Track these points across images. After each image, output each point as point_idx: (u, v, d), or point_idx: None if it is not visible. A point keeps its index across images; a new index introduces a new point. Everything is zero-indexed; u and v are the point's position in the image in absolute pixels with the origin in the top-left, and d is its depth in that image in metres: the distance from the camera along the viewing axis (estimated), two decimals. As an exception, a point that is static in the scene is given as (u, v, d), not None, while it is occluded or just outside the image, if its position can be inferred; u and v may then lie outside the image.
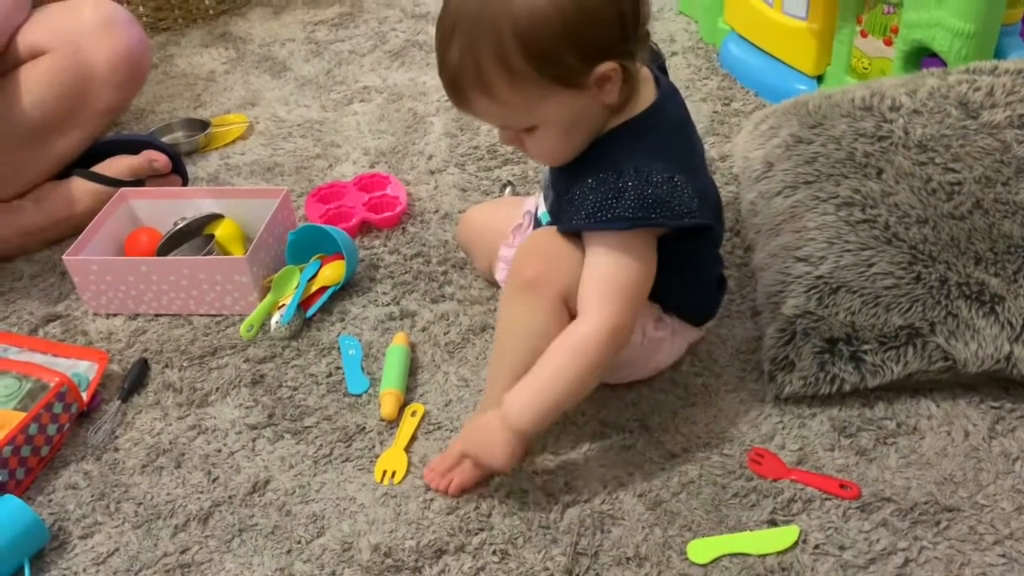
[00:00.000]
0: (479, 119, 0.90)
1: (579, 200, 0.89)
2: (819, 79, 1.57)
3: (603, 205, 0.87)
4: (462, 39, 0.83)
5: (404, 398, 1.09)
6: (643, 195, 0.86)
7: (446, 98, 1.72)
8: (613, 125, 0.90)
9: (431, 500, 0.96)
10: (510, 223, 1.14)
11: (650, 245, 0.91)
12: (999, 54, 1.35)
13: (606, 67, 0.83)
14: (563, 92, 0.84)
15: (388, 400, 1.07)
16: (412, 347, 1.16)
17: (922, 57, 1.40)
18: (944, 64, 1.34)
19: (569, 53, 0.82)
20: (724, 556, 0.89)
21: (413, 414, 1.07)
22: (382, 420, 1.06)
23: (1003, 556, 0.87)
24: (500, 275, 1.15)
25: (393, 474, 1.00)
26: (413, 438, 1.04)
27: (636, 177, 0.86)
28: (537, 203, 1.13)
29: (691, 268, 1.00)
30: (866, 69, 1.48)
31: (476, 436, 0.94)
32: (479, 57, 0.82)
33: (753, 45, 1.68)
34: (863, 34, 1.46)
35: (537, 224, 1.07)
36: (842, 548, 0.89)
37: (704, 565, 0.88)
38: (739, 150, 1.37)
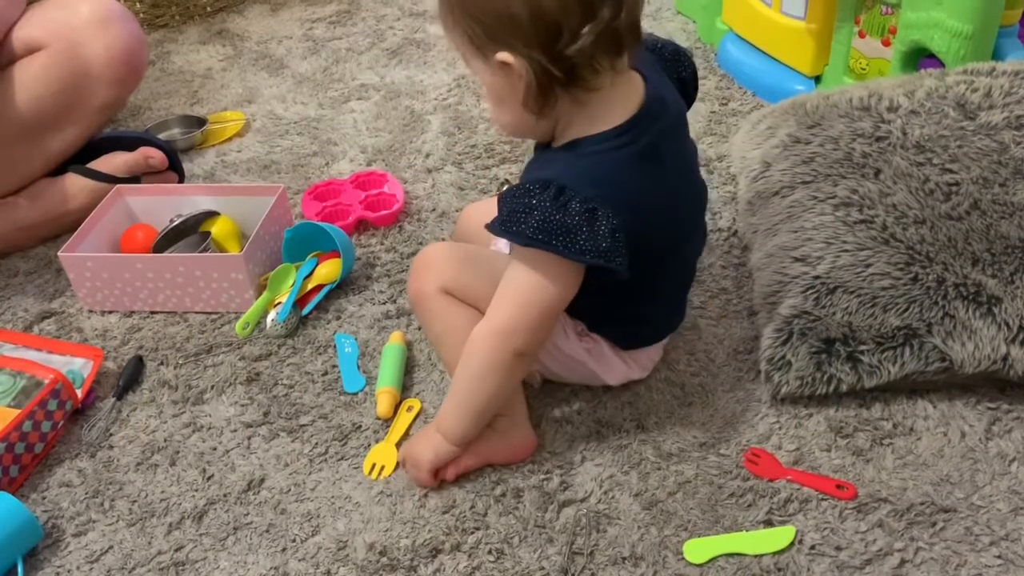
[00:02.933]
0: (449, 41, 0.91)
1: (501, 201, 0.88)
2: (817, 79, 1.57)
3: (513, 216, 0.85)
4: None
5: (400, 396, 1.08)
6: (550, 219, 0.83)
7: (443, 96, 1.75)
8: (572, 137, 0.88)
9: (426, 499, 0.96)
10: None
11: (558, 264, 0.87)
12: (997, 55, 1.35)
13: (502, 56, 0.81)
14: (478, 57, 0.85)
15: (384, 398, 1.06)
16: (409, 345, 1.16)
17: (920, 58, 1.40)
18: (942, 65, 1.34)
19: (481, 20, 0.82)
20: (720, 556, 0.89)
21: (409, 409, 1.07)
22: (378, 418, 1.06)
23: (999, 557, 0.87)
24: None
25: (382, 468, 1.00)
26: (407, 434, 1.04)
27: (553, 199, 0.83)
28: None
29: (604, 298, 0.96)
30: (864, 69, 1.48)
31: (414, 445, 0.99)
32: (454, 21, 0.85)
33: (751, 45, 1.68)
34: (861, 35, 1.46)
35: None
36: (838, 549, 0.89)
37: (700, 565, 0.88)
38: (737, 150, 1.37)
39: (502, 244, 1.11)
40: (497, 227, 0.87)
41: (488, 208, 1.24)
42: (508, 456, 0.99)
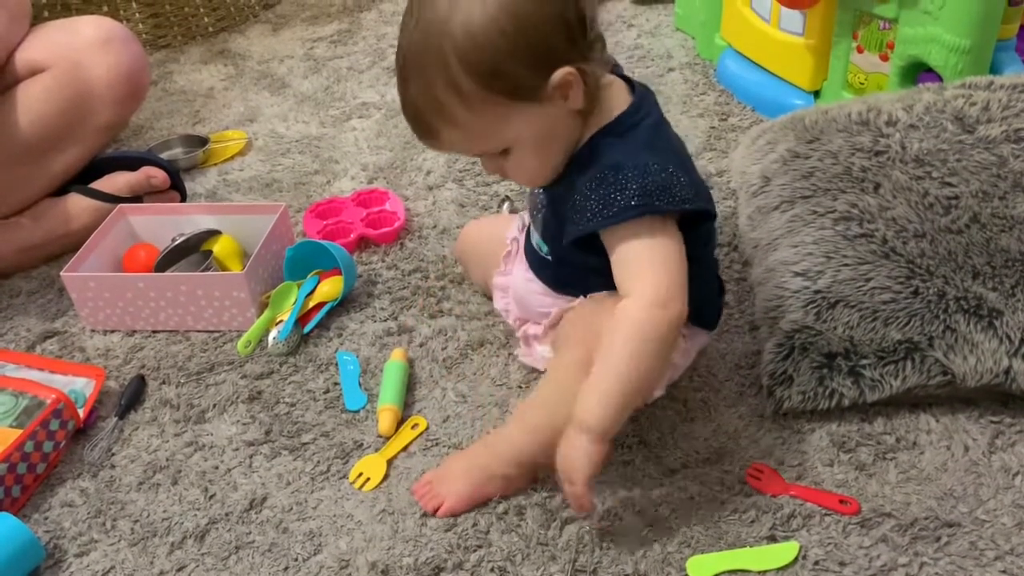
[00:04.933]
0: (452, 152, 0.91)
1: (581, 204, 0.88)
2: (816, 94, 1.58)
3: (608, 201, 0.86)
4: (414, 74, 0.85)
5: (402, 414, 1.08)
6: (644, 183, 0.85)
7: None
8: (594, 132, 0.90)
9: (429, 517, 0.96)
10: (504, 242, 1.14)
11: (664, 222, 0.87)
12: (994, 69, 1.35)
13: (561, 74, 0.82)
14: (525, 107, 0.84)
15: (386, 416, 1.06)
16: (410, 363, 1.16)
17: (918, 72, 1.41)
18: (940, 79, 1.34)
19: (518, 66, 0.81)
20: (724, 572, 0.88)
21: (414, 427, 1.07)
22: (380, 436, 1.06)
23: (1004, 572, 0.86)
24: (499, 304, 1.15)
25: (367, 480, 1.00)
26: (405, 450, 1.04)
27: (634, 168, 0.86)
28: (522, 228, 1.13)
29: (694, 269, 0.94)
30: (862, 84, 1.49)
31: (561, 455, 0.88)
32: (432, 87, 0.83)
33: (750, 61, 1.68)
34: (859, 50, 1.47)
35: (532, 252, 1.05)
36: (842, 564, 0.88)
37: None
38: (736, 165, 1.37)
39: (505, 281, 1.12)
40: (597, 221, 0.87)
41: (487, 225, 1.24)
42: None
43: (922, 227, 1.06)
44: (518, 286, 1.09)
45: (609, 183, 0.86)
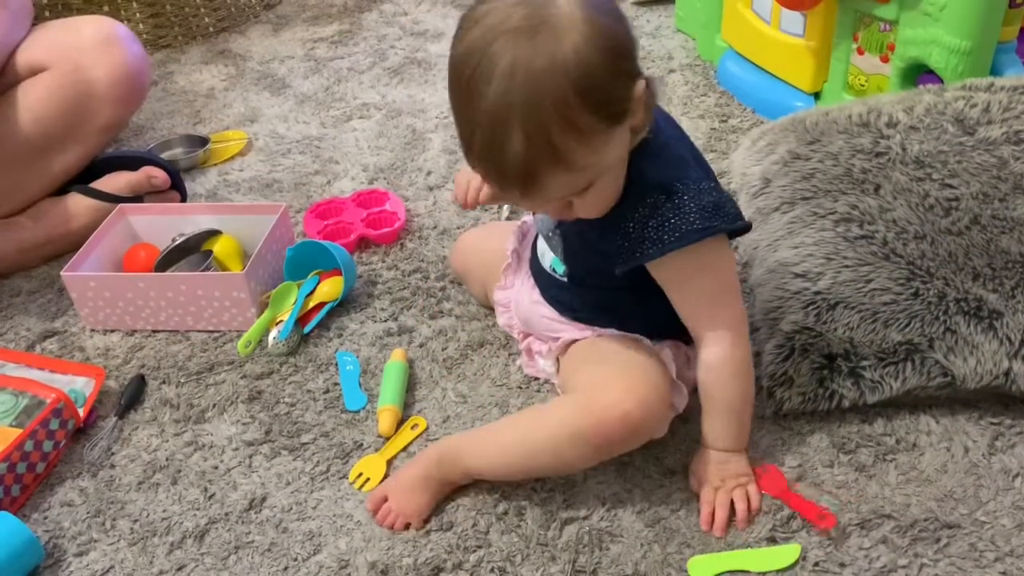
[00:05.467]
0: (545, 198, 0.82)
1: (637, 231, 0.86)
2: (816, 96, 1.58)
3: (667, 226, 0.84)
4: (522, 124, 0.74)
5: (402, 414, 1.08)
6: (701, 204, 0.84)
7: (444, 114, 1.76)
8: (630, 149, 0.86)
9: (428, 518, 0.96)
10: (501, 254, 1.13)
11: (722, 242, 0.89)
12: (995, 71, 1.35)
13: (640, 86, 0.79)
14: (618, 130, 0.80)
15: (385, 416, 1.06)
16: (410, 363, 1.16)
17: (919, 74, 1.41)
18: (940, 81, 1.34)
19: (617, 85, 0.77)
20: (724, 573, 0.88)
21: (414, 427, 1.07)
22: (380, 436, 1.06)
23: (1004, 573, 0.86)
24: (501, 320, 1.14)
25: (367, 480, 1.00)
26: (405, 451, 1.04)
27: (687, 190, 0.84)
28: (522, 240, 1.12)
29: None
30: (863, 86, 1.49)
31: (720, 471, 0.95)
32: (548, 133, 0.74)
33: (751, 62, 1.68)
34: (860, 51, 1.47)
35: (542, 274, 1.03)
36: (842, 566, 0.88)
37: None
38: (737, 166, 1.37)
39: (505, 296, 1.12)
40: (659, 249, 0.85)
41: (483, 236, 1.23)
42: None
43: (922, 229, 1.06)
44: (522, 306, 1.08)
45: (664, 207, 0.84)
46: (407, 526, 0.95)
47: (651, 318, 0.97)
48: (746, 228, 0.89)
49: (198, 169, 1.66)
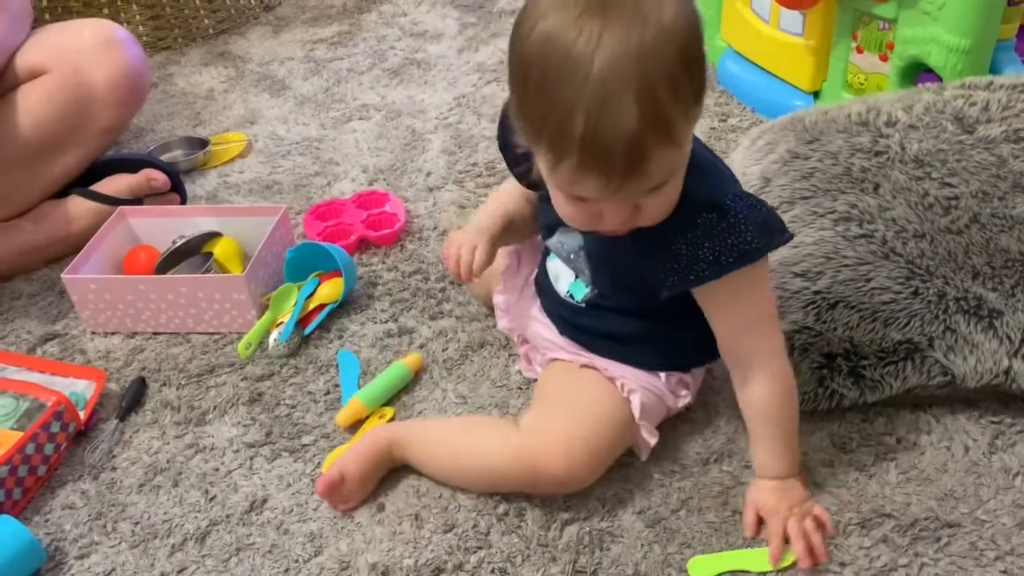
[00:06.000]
0: (643, 185, 0.76)
1: (690, 253, 0.83)
2: (816, 95, 1.58)
3: (725, 247, 0.82)
4: (637, 94, 0.69)
5: (368, 411, 1.08)
6: (757, 222, 0.82)
7: (444, 115, 1.76)
8: None
9: (428, 519, 0.96)
10: (502, 255, 1.11)
11: (767, 260, 0.87)
12: (994, 69, 1.35)
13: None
14: (698, 109, 0.76)
15: (348, 409, 1.07)
16: (419, 371, 1.15)
17: (918, 72, 1.41)
18: (940, 79, 1.34)
19: (704, 58, 0.75)
20: (725, 573, 0.88)
21: (380, 417, 1.08)
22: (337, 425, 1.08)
23: (1004, 572, 0.86)
24: (502, 323, 1.13)
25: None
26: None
27: (739, 207, 0.82)
28: (524, 248, 1.10)
29: None
30: (862, 85, 1.49)
31: (784, 499, 0.91)
32: (660, 104, 0.70)
33: (750, 62, 1.68)
34: (859, 50, 1.47)
35: (552, 296, 1.02)
36: (842, 565, 0.88)
37: None
38: (736, 166, 1.37)
39: (504, 300, 1.12)
40: (717, 270, 0.83)
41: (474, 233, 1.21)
42: None
43: (922, 227, 1.06)
44: (522, 320, 1.09)
45: (719, 227, 0.82)
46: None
47: (662, 348, 0.98)
48: (791, 238, 0.87)
49: (198, 171, 1.66)
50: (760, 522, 0.92)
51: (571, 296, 1.00)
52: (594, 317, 0.99)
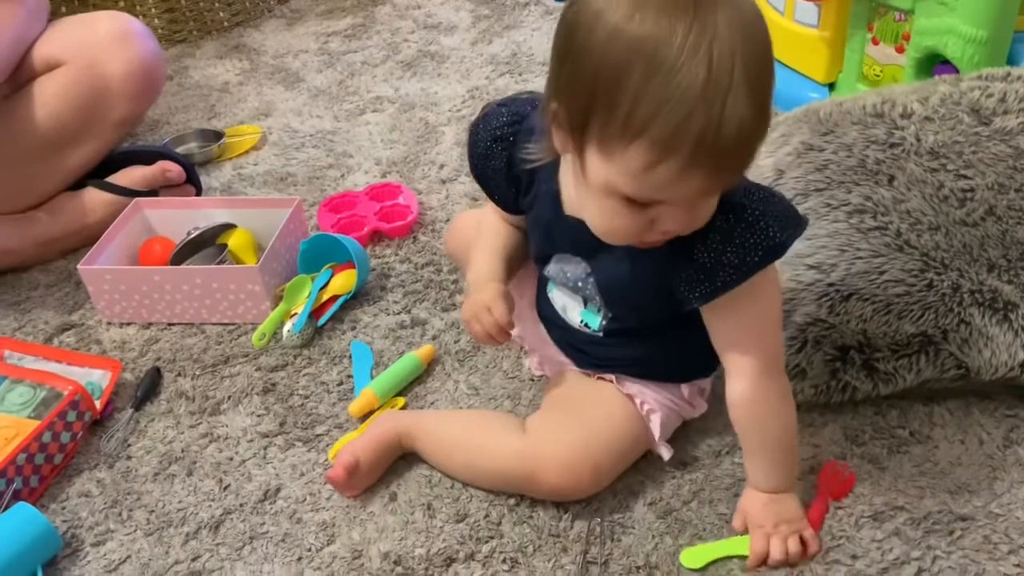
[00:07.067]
0: (736, 179, 0.76)
1: (713, 259, 0.81)
2: (831, 87, 1.57)
3: (748, 247, 0.80)
4: (748, 83, 0.67)
5: (380, 402, 1.09)
6: (775, 214, 0.80)
7: (458, 107, 1.76)
8: None
9: (440, 509, 0.96)
10: None
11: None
12: (1011, 60, 1.34)
13: None
14: None
15: (360, 400, 1.08)
16: (431, 362, 1.16)
17: (934, 64, 1.39)
18: (956, 71, 1.33)
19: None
20: (719, 560, 0.88)
21: (392, 407, 1.08)
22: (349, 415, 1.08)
23: (1018, 566, 0.86)
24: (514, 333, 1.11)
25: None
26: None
27: (752, 203, 0.80)
28: (532, 292, 1.06)
29: None
30: (878, 76, 1.48)
31: (773, 515, 0.89)
32: (766, 90, 0.70)
33: (764, 53, 1.67)
34: (875, 41, 1.46)
35: (565, 329, 1.00)
36: (854, 557, 0.88)
37: (699, 570, 0.88)
38: (750, 158, 1.37)
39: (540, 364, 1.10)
40: (736, 276, 0.81)
41: (480, 218, 1.14)
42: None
43: (937, 220, 1.06)
44: (537, 343, 1.07)
45: (737, 228, 0.80)
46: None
47: (686, 356, 0.97)
48: (807, 223, 0.85)
49: (213, 163, 1.67)
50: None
51: (586, 326, 0.97)
52: (618, 346, 0.96)
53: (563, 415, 0.97)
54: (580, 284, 0.94)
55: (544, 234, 0.94)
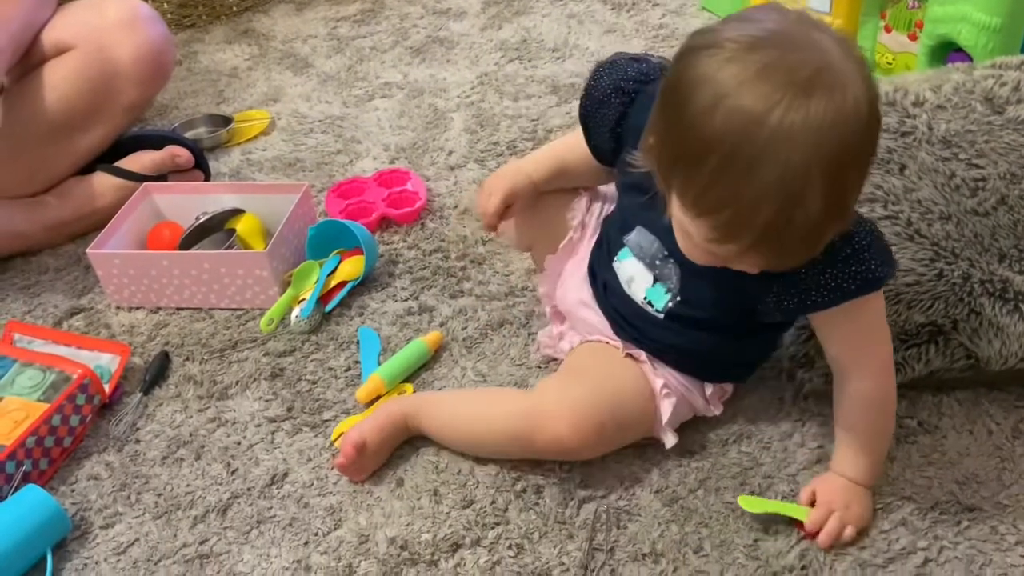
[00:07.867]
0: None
1: (810, 278, 0.81)
2: (842, 75, 1.55)
3: (848, 274, 0.80)
4: (824, 181, 0.68)
5: (388, 388, 1.09)
6: (880, 247, 0.82)
7: (466, 93, 1.75)
8: None
9: (447, 495, 0.97)
10: (560, 214, 1.07)
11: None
12: (1026, 49, 1.33)
13: None
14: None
15: (368, 385, 1.08)
16: (439, 349, 1.16)
17: (947, 52, 1.38)
18: (969, 59, 1.32)
19: (880, 124, 0.77)
20: (770, 513, 0.90)
21: (400, 393, 1.09)
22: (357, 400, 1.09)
23: (1025, 557, 0.86)
24: (543, 287, 1.11)
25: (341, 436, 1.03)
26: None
27: (861, 233, 0.80)
28: (589, 215, 1.07)
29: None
30: (890, 64, 1.47)
31: (836, 493, 0.90)
32: (845, 188, 0.72)
33: (776, 40, 1.66)
34: (887, 29, 1.45)
35: (624, 302, 0.97)
36: (861, 548, 0.88)
37: (754, 514, 0.90)
38: (760, 146, 1.36)
39: (553, 270, 1.10)
40: (830, 299, 0.82)
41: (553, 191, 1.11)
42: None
43: (948, 209, 1.05)
44: (567, 298, 1.06)
45: (842, 252, 0.80)
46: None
47: (727, 361, 0.97)
48: (897, 267, 0.86)
49: (221, 148, 1.67)
50: (812, 504, 0.91)
51: (649, 303, 0.95)
52: (673, 332, 0.94)
53: (574, 375, 0.98)
54: (658, 262, 0.93)
55: (638, 204, 0.91)
